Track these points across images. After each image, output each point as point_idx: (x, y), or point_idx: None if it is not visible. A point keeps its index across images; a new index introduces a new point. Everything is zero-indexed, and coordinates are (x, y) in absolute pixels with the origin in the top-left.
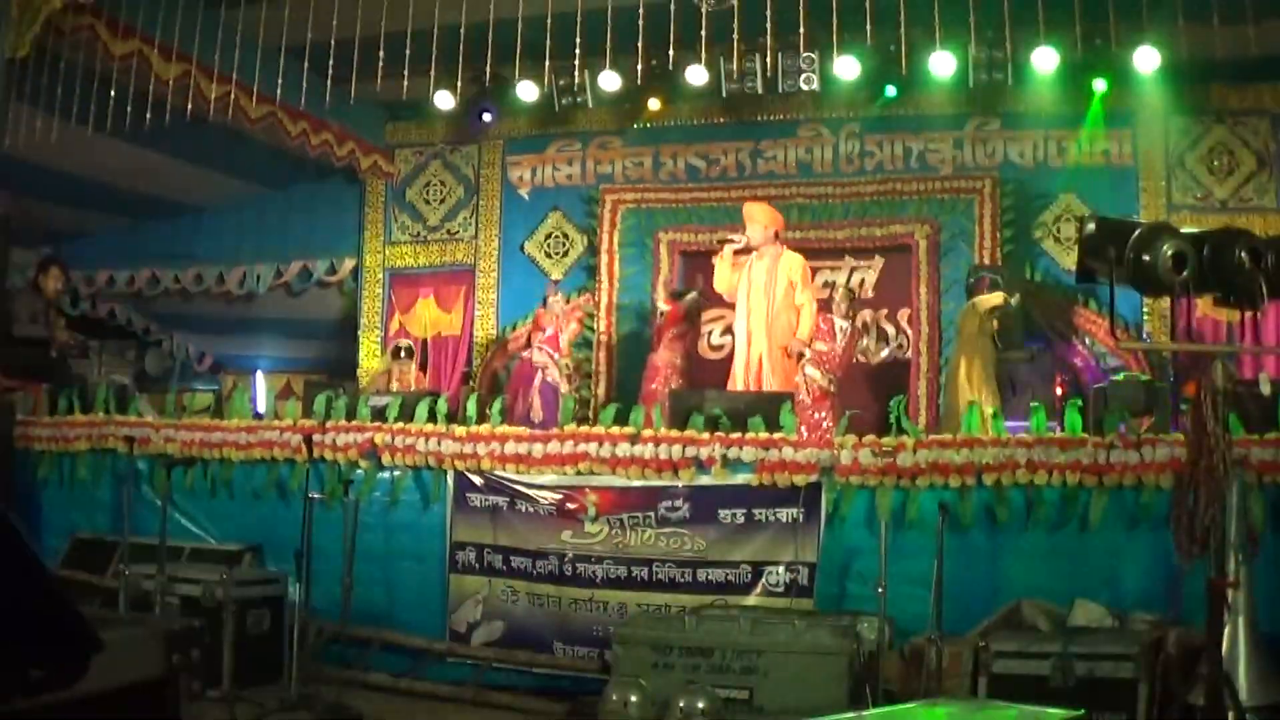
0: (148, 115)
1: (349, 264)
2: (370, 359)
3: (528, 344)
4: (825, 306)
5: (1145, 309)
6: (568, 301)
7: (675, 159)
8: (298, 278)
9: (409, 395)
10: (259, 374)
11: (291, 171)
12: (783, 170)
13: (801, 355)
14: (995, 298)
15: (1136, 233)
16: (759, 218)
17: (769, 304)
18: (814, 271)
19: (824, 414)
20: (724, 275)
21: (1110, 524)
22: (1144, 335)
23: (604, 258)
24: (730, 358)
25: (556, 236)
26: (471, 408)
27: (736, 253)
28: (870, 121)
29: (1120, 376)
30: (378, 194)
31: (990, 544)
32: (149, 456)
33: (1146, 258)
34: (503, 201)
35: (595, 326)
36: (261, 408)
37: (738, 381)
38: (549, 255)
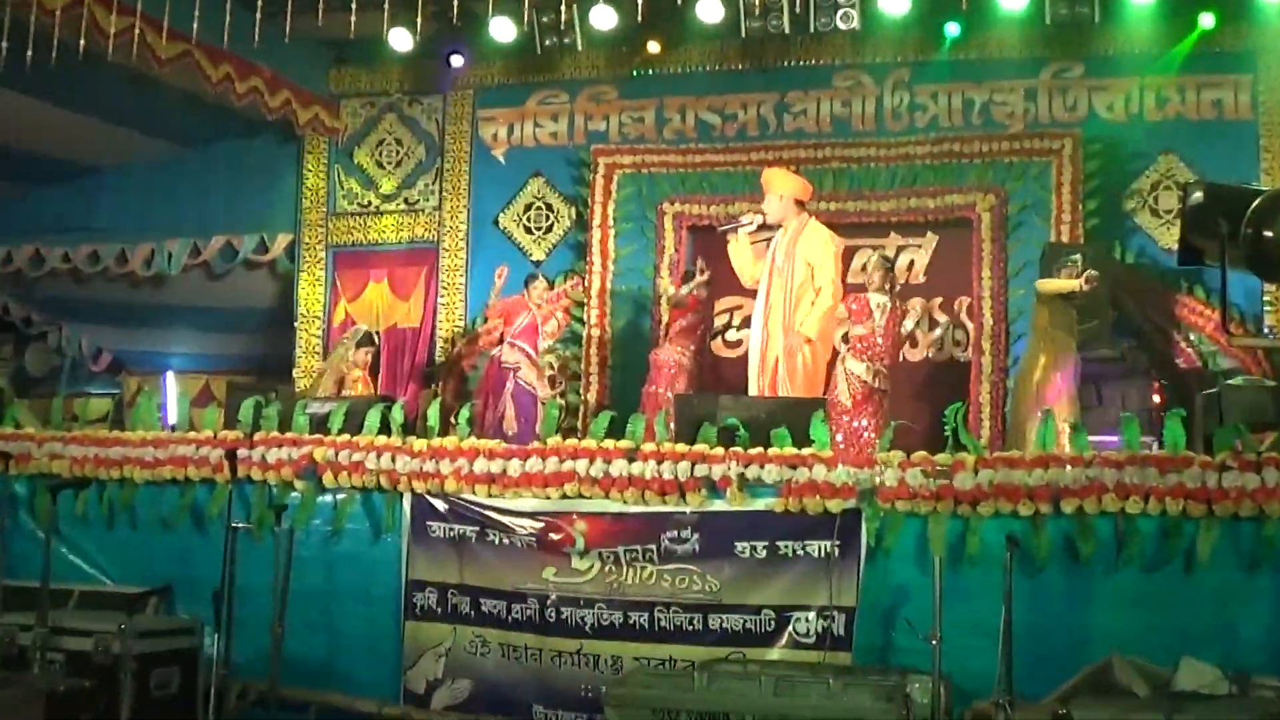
0: (28, 54)
1: (283, 240)
2: (309, 356)
3: (501, 339)
4: (858, 290)
5: (1266, 298)
6: (550, 287)
7: (683, 114)
8: (220, 256)
9: (357, 401)
10: (170, 375)
11: (212, 126)
12: (814, 128)
13: (830, 347)
14: (1064, 282)
15: (1256, 203)
16: (778, 185)
17: (786, 291)
18: (851, 251)
19: (866, 422)
20: (744, 261)
21: (1223, 563)
22: (1264, 330)
23: (595, 234)
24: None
25: (538, 208)
26: (433, 416)
27: (757, 230)
28: (923, 68)
29: (1237, 381)
30: (319, 154)
31: (1071, 586)
32: (29, 477)
33: (1269, 234)
34: (473, 165)
35: (585, 318)
36: (173, 417)
37: (754, 385)
38: (529, 230)
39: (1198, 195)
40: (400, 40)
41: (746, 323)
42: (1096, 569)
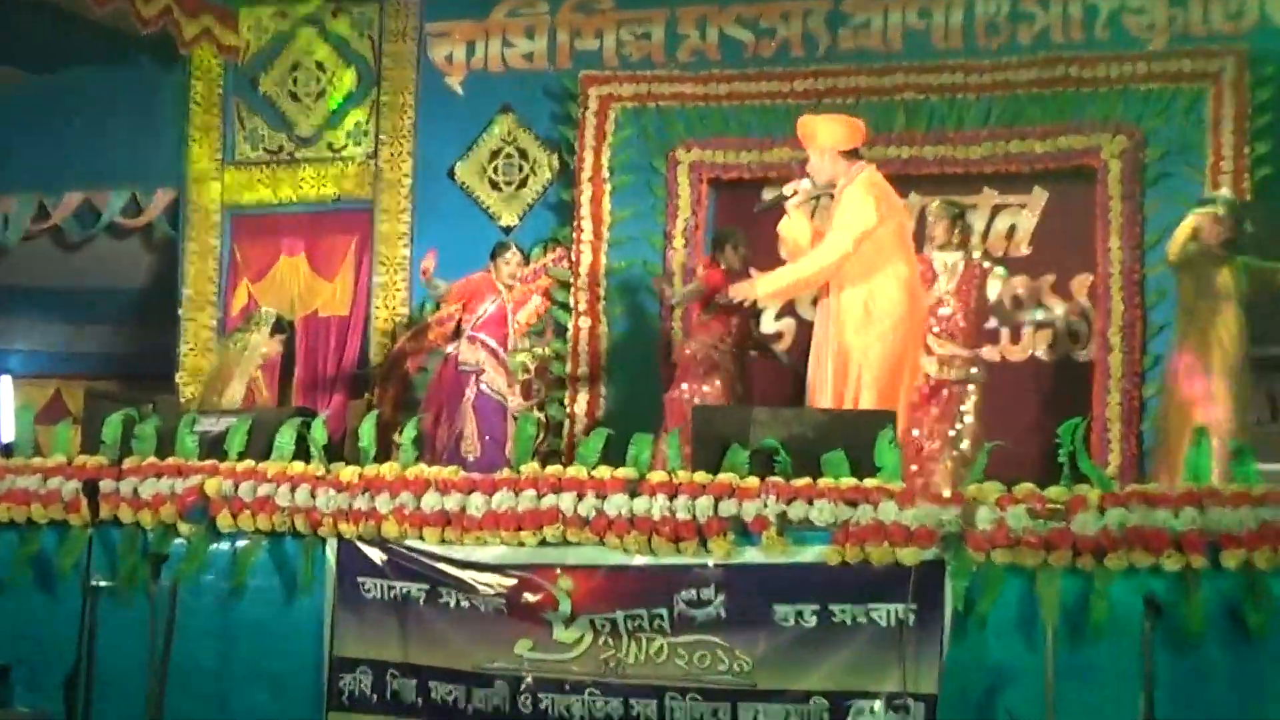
0: None
1: (163, 198)
2: (199, 355)
3: (458, 332)
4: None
5: None
6: (526, 262)
7: (703, 28)
8: (75, 219)
9: (264, 415)
10: (6, 380)
11: (64, 45)
12: (879, 46)
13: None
14: (1185, 225)
15: None
16: (819, 137)
17: (860, 268)
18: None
19: (928, 430)
20: (803, 237)
21: None
22: None
23: (585, 191)
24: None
25: (508, 156)
26: (367, 435)
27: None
28: None
29: None
30: (212, 83)
31: (1235, 667)
32: None
33: None
34: (419, 98)
35: (571, 303)
36: (9, 435)
37: (815, 394)
38: (495, 186)
39: None
40: None
41: (791, 310)
42: (1271, 644)
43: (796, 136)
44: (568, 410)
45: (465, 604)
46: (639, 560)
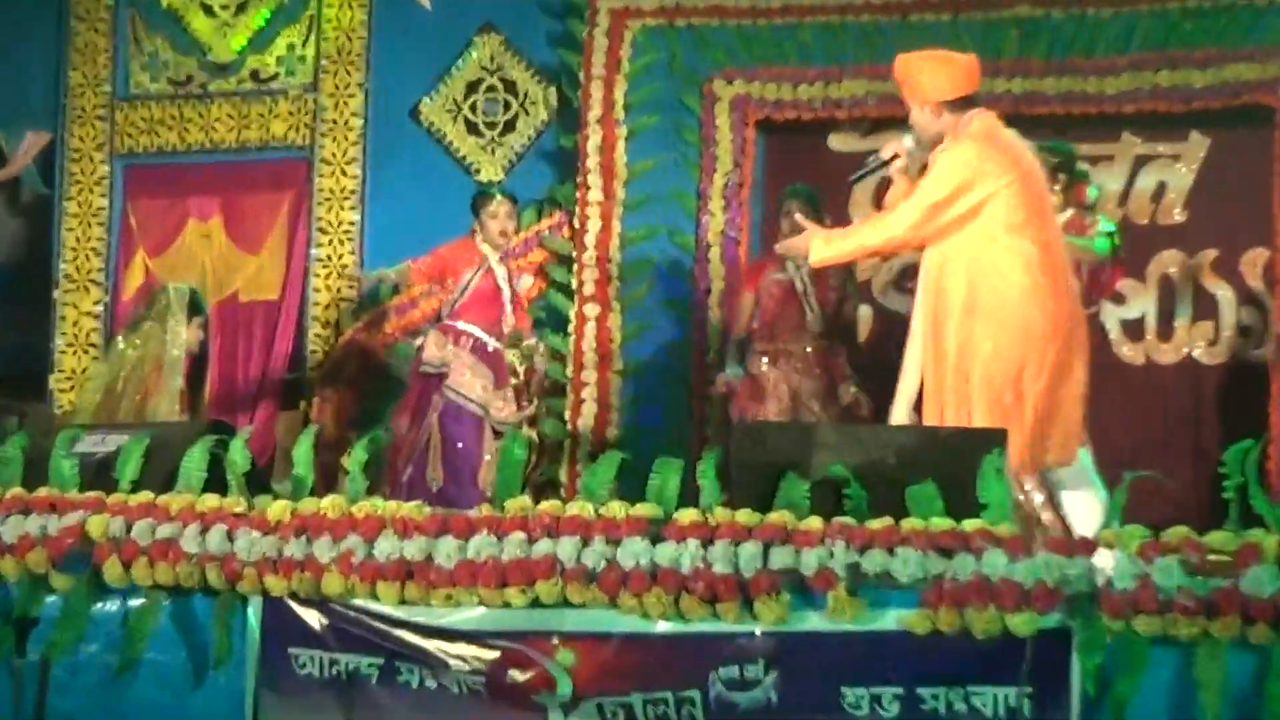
0: None
1: (33, 144)
2: (80, 351)
3: (438, 317)
4: None
5: None
6: (515, 230)
7: None
8: None
9: (167, 431)
10: None
11: None
12: None
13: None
14: None
15: None
16: (923, 82)
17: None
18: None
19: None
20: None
21: None
22: None
23: (592, 136)
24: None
25: (490, 89)
26: (303, 459)
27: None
28: None
29: None
30: None
31: None
32: None
33: None
34: (373, 12)
35: (575, 284)
36: None
37: (902, 407)
38: (474, 129)
39: None
40: None
41: (867, 294)
42: None
43: (870, 63)
44: (569, 427)
45: (432, 684)
46: (663, 627)
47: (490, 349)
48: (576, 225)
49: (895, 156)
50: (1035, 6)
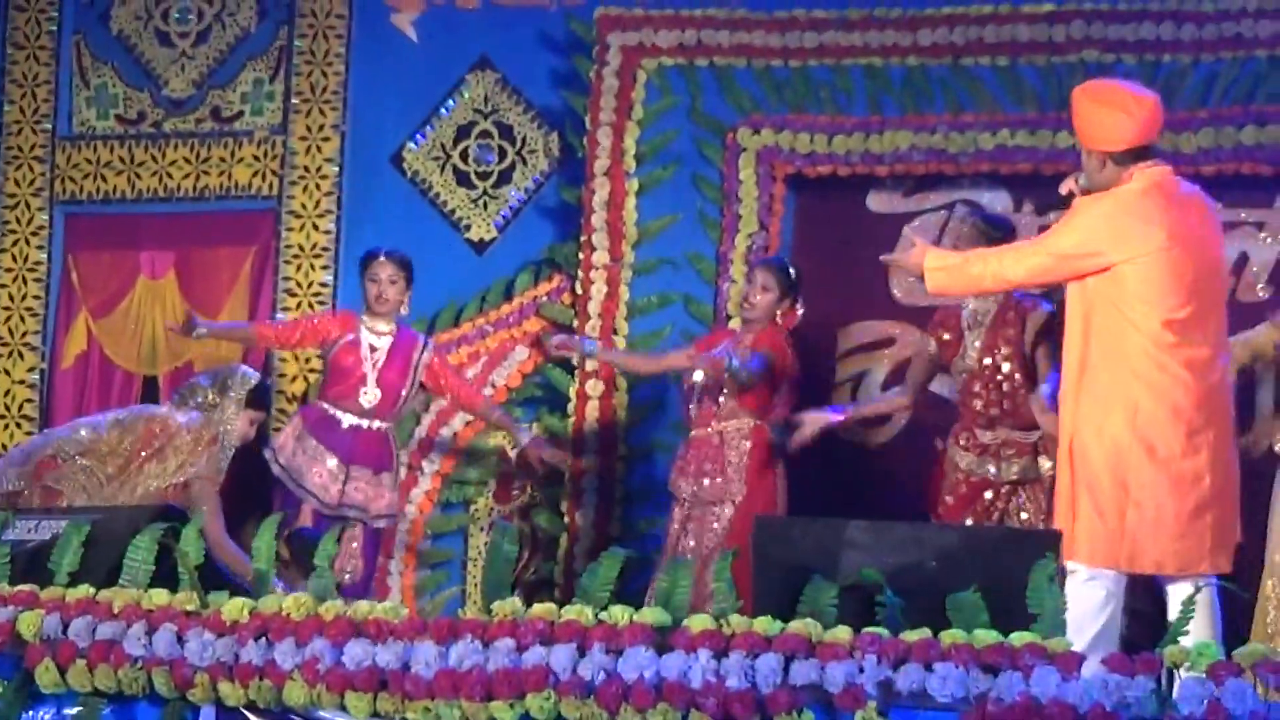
0: None
1: None
2: (10, 425)
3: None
4: None
5: None
6: (400, 300)
7: None
8: None
9: (110, 517)
10: None
11: None
12: None
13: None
14: None
15: None
16: (1089, 126)
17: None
18: None
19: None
20: None
21: None
22: None
23: (600, 187)
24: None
25: (484, 134)
26: (264, 550)
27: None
28: None
29: None
30: (41, 15)
31: None
32: None
33: None
34: (352, 44)
35: (575, 359)
36: None
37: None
38: (464, 180)
39: None
40: None
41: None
42: None
43: (915, 113)
44: (566, 520)
45: None
46: None
47: (345, 426)
48: (579, 291)
49: (1069, 193)
50: (1104, 52)
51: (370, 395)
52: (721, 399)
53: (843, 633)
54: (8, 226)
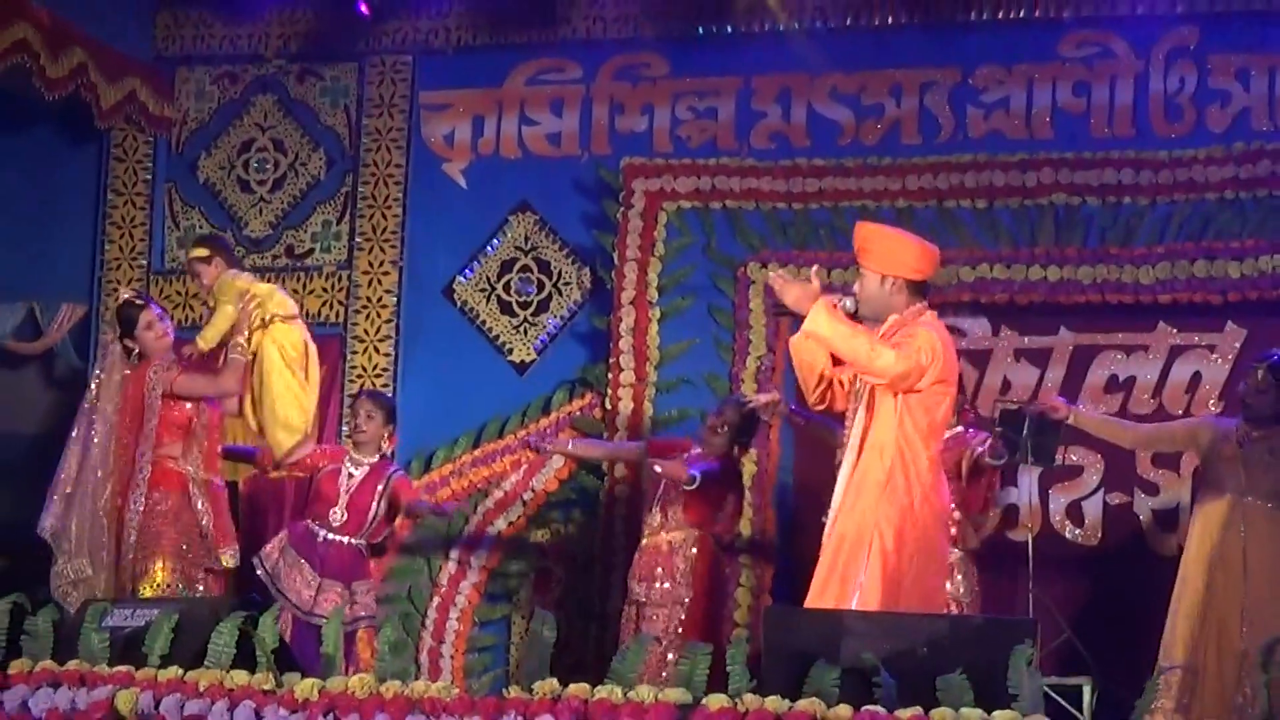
0: None
1: (69, 316)
2: None
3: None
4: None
5: None
6: (381, 434)
7: (787, 105)
8: None
9: (196, 607)
10: None
11: None
12: (1021, 133)
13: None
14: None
15: None
16: (882, 253)
17: (862, 428)
18: (1090, 353)
19: None
20: (815, 359)
21: None
22: None
23: (627, 315)
24: None
25: (524, 269)
26: (332, 637)
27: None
28: (1220, 25)
29: None
30: (136, 166)
31: None
32: None
33: None
34: (409, 190)
35: (605, 465)
36: None
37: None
38: (508, 309)
39: None
40: None
41: None
42: None
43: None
44: (600, 610)
45: None
46: None
47: (320, 540)
48: (608, 406)
49: (841, 303)
50: (1072, 195)
51: (339, 515)
52: (670, 511)
53: (844, 710)
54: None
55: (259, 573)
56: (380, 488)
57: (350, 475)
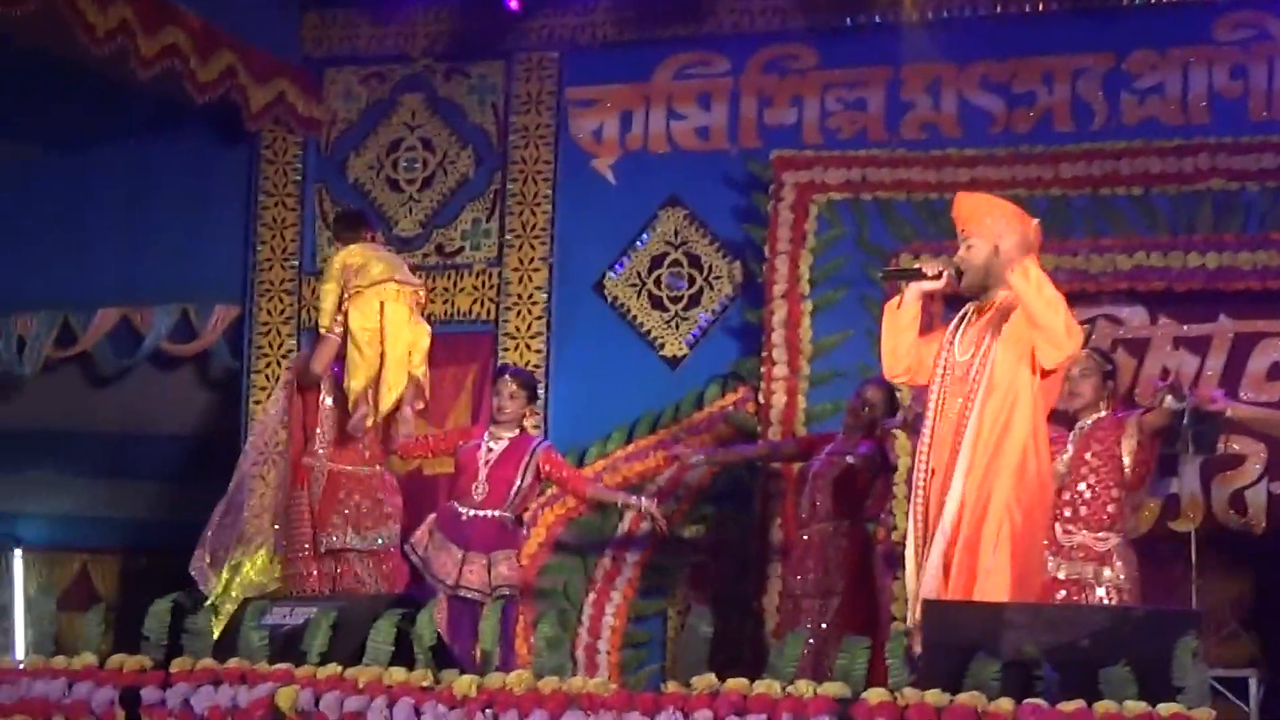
0: None
1: (223, 316)
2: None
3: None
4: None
5: None
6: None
7: (937, 95)
8: (110, 343)
9: (354, 605)
10: (18, 555)
11: (96, 115)
12: (1177, 118)
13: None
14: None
15: None
16: (993, 221)
17: (984, 416)
18: (1251, 341)
19: None
20: (903, 334)
21: None
22: None
23: (779, 309)
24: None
25: (675, 263)
26: (490, 633)
27: (930, 294)
28: None
29: None
30: (286, 167)
31: None
32: None
33: None
34: (558, 186)
35: (756, 465)
36: (24, 629)
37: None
38: (658, 304)
39: None
40: None
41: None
42: None
43: (1057, 239)
44: (754, 605)
45: None
46: None
47: (464, 518)
48: (761, 401)
49: (938, 275)
50: (1230, 180)
51: (480, 489)
52: (819, 501)
53: (1005, 704)
54: (261, 351)
55: (412, 559)
56: (525, 459)
57: (490, 449)
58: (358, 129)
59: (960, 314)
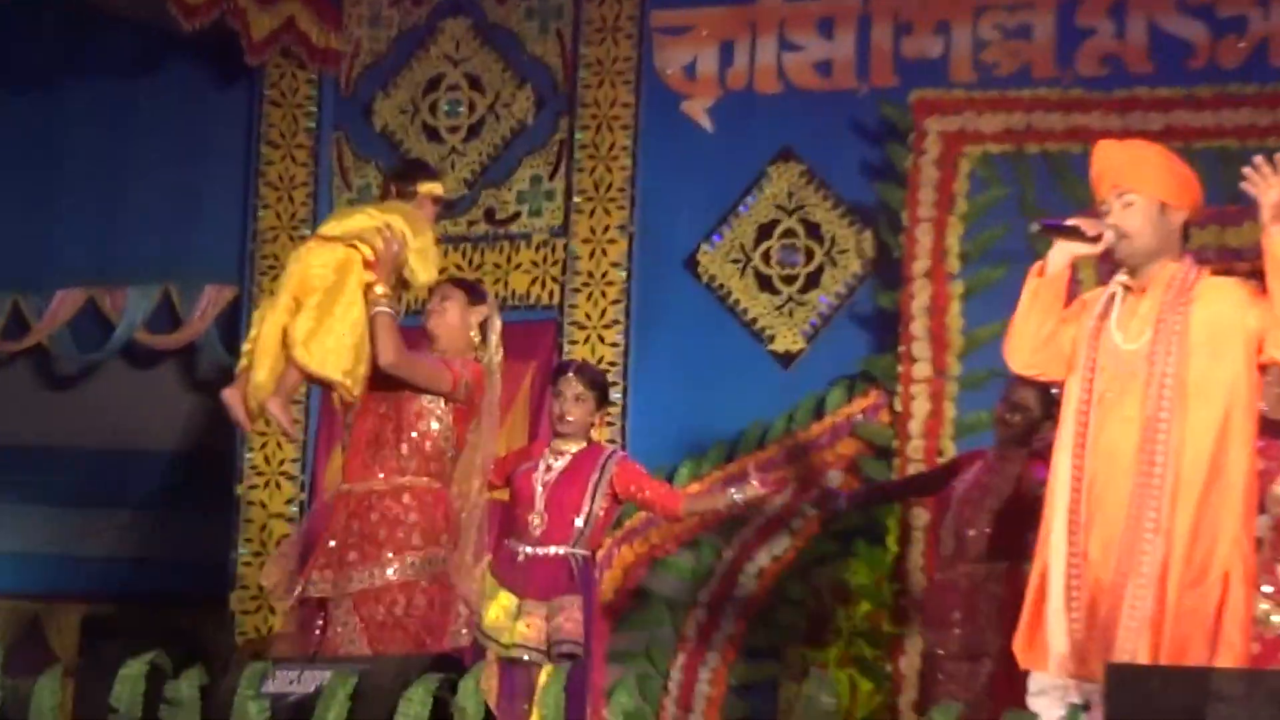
0: None
1: (214, 300)
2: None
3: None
4: None
5: None
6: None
7: (1120, 21)
8: (70, 333)
9: (379, 668)
10: None
11: (61, 47)
12: None
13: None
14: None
15: None
16: (1146, 175)
17: (1154, 407)
18: None
19: None
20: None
21: None
22: None
23: (921, 291)
24: None
25: (789, 233)
26: (554, 696)
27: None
28: None
29: None
30: (298, 110)
31: None
32: None
33: None
34: (640, 136)
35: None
36: None
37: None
38: (768, 285)
39: None
40: None
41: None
42: None
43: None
44: (889, 667)
45: None
46: None
47: (520, 559)
48: (898, 409)
49: (1098, 238)
50: None
51: (537, 521)
52: (968, 535)
53: None
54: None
55: (464, 614)
56: (594, 475)
57: (548, 468)
58: (387, 63)
59: (1108, 290)
